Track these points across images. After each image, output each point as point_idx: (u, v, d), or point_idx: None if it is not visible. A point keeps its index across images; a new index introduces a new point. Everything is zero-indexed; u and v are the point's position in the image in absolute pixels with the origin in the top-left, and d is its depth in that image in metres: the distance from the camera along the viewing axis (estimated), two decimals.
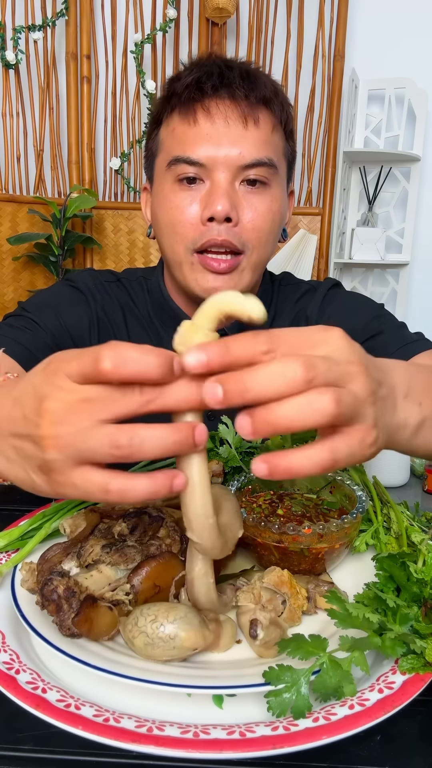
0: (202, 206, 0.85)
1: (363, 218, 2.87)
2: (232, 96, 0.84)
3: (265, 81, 0.88)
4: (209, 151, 0.84)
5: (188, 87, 0.85)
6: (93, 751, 0.42)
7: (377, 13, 2.73)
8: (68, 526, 0.62)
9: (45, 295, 1.02)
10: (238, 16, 2.67)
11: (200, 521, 0.44)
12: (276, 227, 0.90)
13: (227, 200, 0.83)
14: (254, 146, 0.84)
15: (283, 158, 0.91)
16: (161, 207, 0.89)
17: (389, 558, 0.52)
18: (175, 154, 0.86)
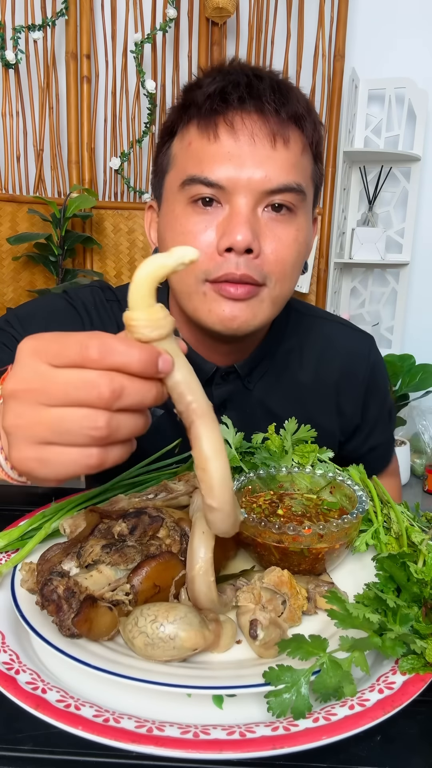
0: (219, 234, 0.75)
1: (363, 218, 2.87)
2: (260, 110, 0.74)
3: (298, 96, 0.78)
4: (230, 171, 0.73)
5: (210, 97, 0.74)
6: (93, 751, 0.42)
7: (377, 13, 2.73)
8: (68, 526, 0.62)
9: (37, 306, 0.95)
10: (238, 16, 2.67)
11: (223, 485, 0.44)
12: (300, 259, 0.81)
13: (249, 229, 0.73)
14: (282, 169, 0.74)
15: (311, 182, 0.81)
16: (171, 230, 0.79)
17: (389, 558, 0.52)
18: (190, 173, 0.75)
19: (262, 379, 0.95)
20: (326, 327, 1.01)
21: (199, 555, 0.50)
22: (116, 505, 0.65)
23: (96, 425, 0.41)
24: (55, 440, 0.42)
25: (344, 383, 0.98)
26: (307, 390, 0.97)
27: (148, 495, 0.68)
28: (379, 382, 1.02)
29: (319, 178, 0.85)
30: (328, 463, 0.74)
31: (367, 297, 3.02)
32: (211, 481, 0.44)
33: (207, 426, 0.44)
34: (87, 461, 0.42)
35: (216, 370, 0.91)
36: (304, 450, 0.75)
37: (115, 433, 0.42)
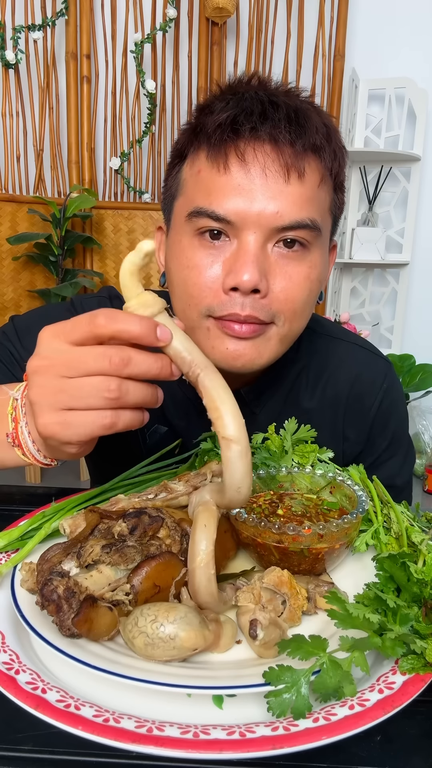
0: (225, 271, 0.71)
1: (363, 218, 2.87)
2: (274, 141, 0.69)
3: (317, 123, 0.72)
4: (240, 205, 0.69)
5: (221, 126, 0.69)
6: (93, 751, 0.42)
7: (377, 13, 2.74)
8: (68, 526, 0.62)
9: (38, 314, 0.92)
10: (238, 16, 2.67)
11: (236, 415, 0.49)
12: (312, 297, 0.76)
13: (256, 268, 0.68)
14: (295, 205, 0.69)
15: (328, 215, 0.77)
16: (176, 261, 0.75)
17: (389, 558, 0.52)
18: (198, 204, 0.71)
19: (269, 403, 0.92)
20: (341, 348, 0.96)
21: (200, 548, 0.50)
22: (116, 505, 0.65)
23: (109, 388, 0.48)
24: (75, 405, 0.49)
25: (350, 407, 0.93)
26: (314, 413, 0.93)
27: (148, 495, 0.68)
28: (389, 413, 0.94)
29: (338, 208, 0.80)
30: (328, 463, 0.74)
31: (367, 297, 3.02)
32: (224, 414, 0.48)
33: (210, 375, 0.50)
34: (102, 421, 0.49)
35: None
36: (304, 450, 0.75)
37: (125, 396, 0.49)
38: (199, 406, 0.89)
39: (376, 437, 0.95)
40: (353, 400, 0.93)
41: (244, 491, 0.50)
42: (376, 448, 0.95)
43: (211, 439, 0.80)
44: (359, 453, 0.96)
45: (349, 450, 0.95)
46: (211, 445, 0.78)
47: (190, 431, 0.92)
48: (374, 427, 0.94)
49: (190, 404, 0.92)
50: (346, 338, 0.98)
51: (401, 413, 0.98)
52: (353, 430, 0.94)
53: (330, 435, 0.94)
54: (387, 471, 0.94)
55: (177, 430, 0.93)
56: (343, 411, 0.93)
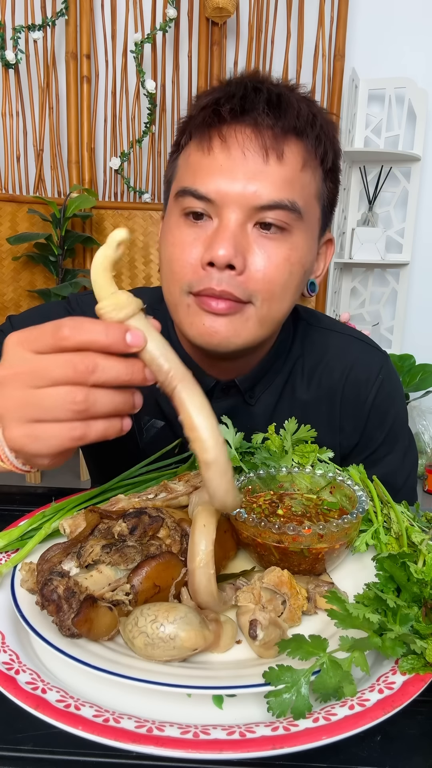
0: (204, 247, 0.73)
1: (363, 218, 2.87)
2: (254, 123, 0.72)
3: (300, 108, 0.74)
4: (221, 185, 0.72)
5: (204, 109, 0.74)
6: (93, 751, 0.42)
7: (377, 13, 2.74)
8: (68, 526, 0.62)
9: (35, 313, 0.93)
10: (238, 16, 2.67)
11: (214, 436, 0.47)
12: (296, 280, 0.77)
13: (231, 245, 0.71)
14: (274, 185, 0.72)
15: (314, 201, 0.78)
16: (164, 241, 0.79)
17: (389, 558, 0.52)
18: (183, 184, 0.75)
19: (265, 394, 0.92)
20: (336, 340, 0.96)
21: (200, 548, 0.50)
22: (116, 505, 0.65)
23: (75, 399, 0.46)
24: (42, 417, 0.47)
25: (346, 398, 0.93)
26: (310, 404, 0.93)
27: (148, 495, 0.68)
28: (385, 405, 0.94)
29: (329, 197, 0.81)
30: (328, 463, 0.74)
31: (367, 297, 3.02)
32: (202, 434, 0.46)
33: (188, 388, 0.47)
34: (71, 434, 0.47)
35: (216, 384, 0.89)
36: (304, 450, 0.75)
37: (94, 407, 0.46)
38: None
39: (373, 430, 0.94)
40: (349, 390, 0.93)
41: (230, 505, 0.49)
42: (373, 441, 0.95)
43: None
44: (355, 445, 0.95)
45: (346, 442, 0.95)
46: None
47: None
48: (370, 420, 0.94)
49: None
50: (342, 330, 0.99)
51: (399, 407, 0.97)
52: (349, 422, 0.94)
53: (327, 426, 0.94)
54: (385, 467, 0.94)
55: (174, 424, 0.93)
56: (339, 402, 0.93)
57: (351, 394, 0.93)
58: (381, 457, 0.96)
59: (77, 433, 0.47)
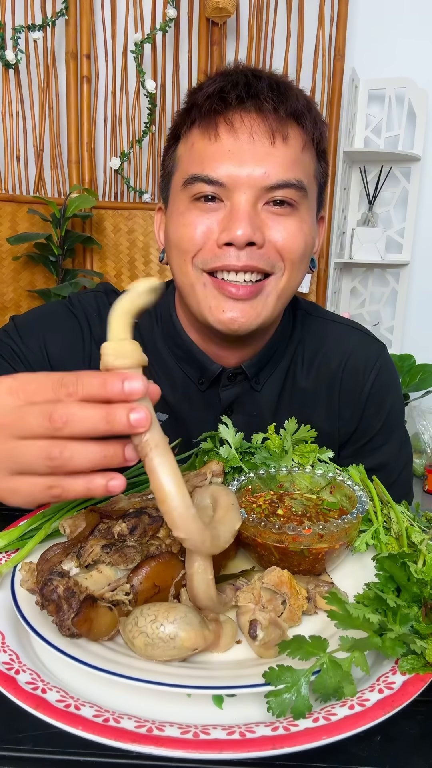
0: (220, 229, 0.76)
1: (363, 218, 2.87)
2: (259, 108, 0.75)
3: (297, 94, 0.79)
4: (231, 169, 0.75)
5: (210, 97, 0.76)
6: (93, 751, 0.42)
7: (377, 13, 2.73)
8: (68, 526, 0.62)
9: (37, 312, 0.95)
10: (238, 16, 2.67)
11: (181, 515, 0.44)
12: (308, 252, 0.81)
13: (249, 224, 0.74)
14: (282, 166, 0.75)
15: (313, 180, 0.82)
16: (173, 225, 0.81)
17: (389, 558, 0.52)
18: (192, 172, 0.77)
19: (269, 380, 0.94)
20: (335, 329, 0.99)
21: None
22: (116, 505, 0.65)
23: (51, 455, 0.44)
24: (21, 470, 0.46)
25: (344, 386, 0.95)
26: (310, 392, 0.95)
27: (148, 495, 0.68)
28: (383, 393, 0.96)
29: (323, 176, 0.85)
30: (328, 463, 0.74)
31: (367, 297, 3.02)
32: (172, 514, 0.45)
33: (162, 457, 0.45)
34: (49, 491, 0.46)
35: (222, 371, 0.90)
36: (304, 450, 0.75)
37: (70, 462, 0.44)
38: (202, 385, 0.92)
39: (370, 418, 0.96)
40: (347, 378, 0.95)
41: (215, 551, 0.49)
42: (370, 429, 0.97)
43: (211, 439, 0.80)
44: (353, 432, 0.97)
45: (344, 429, 0.97)
46: (211, 445, 0.78)
47: (192, 416, 0.93)
48: (367, 407, 0.96)
49: (191, 384, 0.94)
50: (340, 321, 1.02)
51: (395, 398, 0.99)
52: (347, 409, 0.96)
53: (326, 413, 0.96)
54: (381, 457, 0.97)
55: (179, 416, 0.94)
56: (338, 390, 0.95)
57: (349, 382, 0.95)
58: (378, 447, 0.98)
59: (55, 491, 0.46)
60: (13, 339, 0.89)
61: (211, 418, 0.92)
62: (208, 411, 0.93)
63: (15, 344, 0.88)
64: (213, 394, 0.93)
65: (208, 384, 0.92)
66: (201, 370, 0.91)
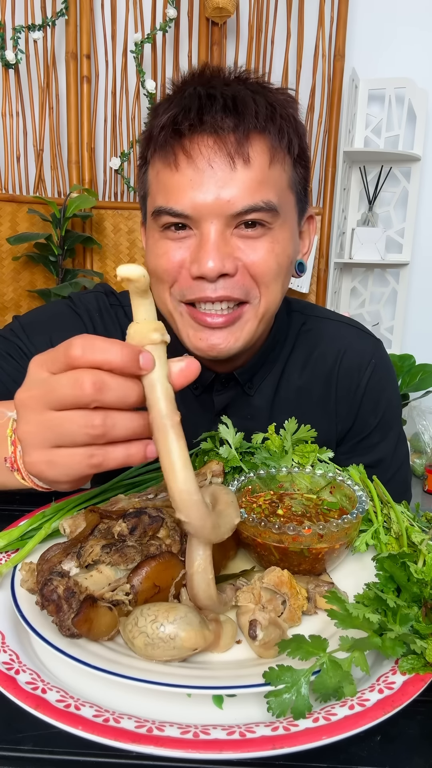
0: (191, 259, 0.75)
1: (363, 218, 2.87)
2: (215, 132, 0.72)
3: (258, 104, 0.74)
4: (194, 199, 0.73)
5: (164, 128, 0.74)
6: (93, 751, 0.42)
7: (377, 13, 2.73)
8: (68, 526, 0.62)
9: (42, 313, 0.95)
10: (238, 16, 2.67)
11: (184, 498, 0.44)
12: (284, 270, 0.79)
13: (218, 255, 0.72)
14: (246, 190, 0.72)
15: (288, 191, 0.79)
16: (150, 254, 0.81)
17: (389, 558, 0.52)
18: (158, 204, 0.76)
19: (263, 384, 0.94)
20: (329, 326, 0.99)
21: (197, 552, 0.50)
22: (116, 505, 0.65)
23: (93, 423, 0.44)
24: (60, 442, 0.45)
25: (341, 382, 0.95)
26: (306, 391, 0.96)
27: (148, 495, 0.68)
28: (379, 389, 0.97)
29: (300, 182, 0.82)
30: (328, 463, 0.74)
31: (367, 297, 3.02)
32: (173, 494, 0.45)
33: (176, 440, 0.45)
34: (89, 461, 0.45)
35: (215, 377, 0.90)
36: (304, 450, 0.75)
37: (112, 431, 0.44)
38: (196, 390, 0.92)
39: (367, 415, 0.96)
40: (343, 375, 0.95)
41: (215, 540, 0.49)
42: (366, 426, 0.97)
43: (211, 439, 0.80)
44: (349, 429, 0.97)
45: (341, 426, 0.97)
46: (211, 445, 0.78)
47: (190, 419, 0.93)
48: (363, 404, 0.96)
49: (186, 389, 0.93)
50: (335, 318, 1.01)
51: (392, 394, 0.99)
52: (344, 406, 0.96)
53: (323, 411, 0.96)
54: (378, 454, 0.97)
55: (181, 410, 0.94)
56: (335, 387, 0.95)
57: (345, 379, 0.95)
58: (375, 444, 0.98)
59: (95, 460, 0.45)
60: (20, 337, 0.90)
61: (205, 422, 0.93)
62: (203, 415, 0.94)
63: (22, 342, 0.89)
64: (207, 399, 0.94)
65: (201, 389, 0.92)
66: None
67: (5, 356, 0.88)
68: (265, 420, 0.94)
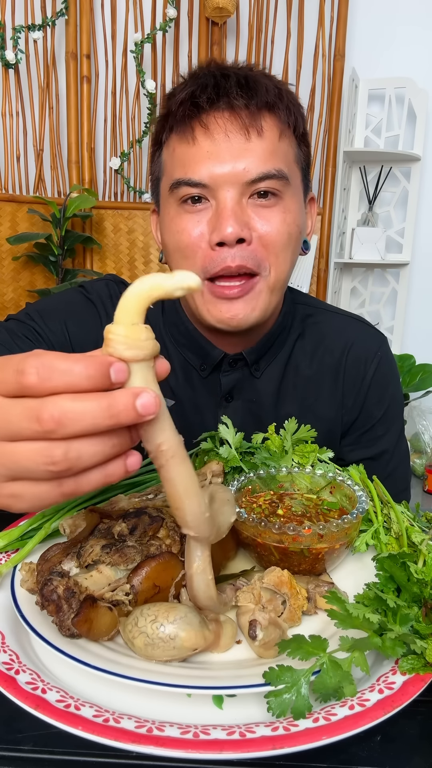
0: (210, 229, 0.79)
1: (363, 218, 2.87)
2: (230, 107, 0.78)
3: (267, 84, 0.81)
4: (212, 169, 0.77)
5: (183, 103, 0.79)
6: (93, 751, 0.42)
7: (377, 13, 2.73)
8: (68, 526, 0.62)
9: (55, 300, 0.96)
10: (238, 16, 2.67)
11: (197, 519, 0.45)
12: (294, 241, 0.83)
13: (236, 220, 0.77)
14: (260, 159, 0.78)
15: (295, 166, 0.85)
16: (168, 231, 0.84)
17: (389, 558, 0.52)
18: (176, 176, 0.80)
19: (269, 367, 0.97)
20: (337, 320, 1.02)
21: (196, 554, 0.50)
22: (116, 505, 0.65)
23: (52, 459, 0.37)
24: (21, 476, 0.39)
25: (348, 373, 0.98)
26: (313, 380, 0.98)
27: (148, 495, 0.68)
28: (384, 382, 0.99)
29: (304, 159, 0.87)
30: (328, 463, 0.74)
31: (367, 297, 3.02)
32: (186, 518, 0.44)
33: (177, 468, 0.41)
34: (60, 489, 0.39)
35: (224, 357, 0.93)
36: (304, 450, 0.75)
37: (78, 464, 0.37)
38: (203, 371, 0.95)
39: (372, 407, 0.99)
40: (350, 366, 0.98)
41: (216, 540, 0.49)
42: (371, 418, 0.99)
43: (211, 439, 0.80)
44: (354, 420, 1.00)
45: (347, 417, 1.00)
46: (211, 445, 0.78)
47: (194, 401, 0.96)
48: (369, 395, 0.98)
49: (192, 370, 0.96)
50: (341, 312, 1.05)
51: (396, 389, 1.02)
52: (350, 397, 0.99)
53: (330, 402, 0.98)
54: (380, 448, 1.00)
55: (182, 400, 0.96)
56: (342, 378, 0.98)
57: (352, 370, 0.98)
58: (378, 436, 1.00)
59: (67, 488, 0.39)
60: (36, 321, 0.91)
61: (211, 404, 0.95)
62: (209, 396, 0.96)
63: (38, 325, 0.90)
64: (214, 380, 0.96)
65: (209, 370, 0.95)
66: (203, 356, 0.94)
67: (22, 338, 0.88)
68: (270, 405, 0.96)
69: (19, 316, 0.92)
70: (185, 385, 0.96)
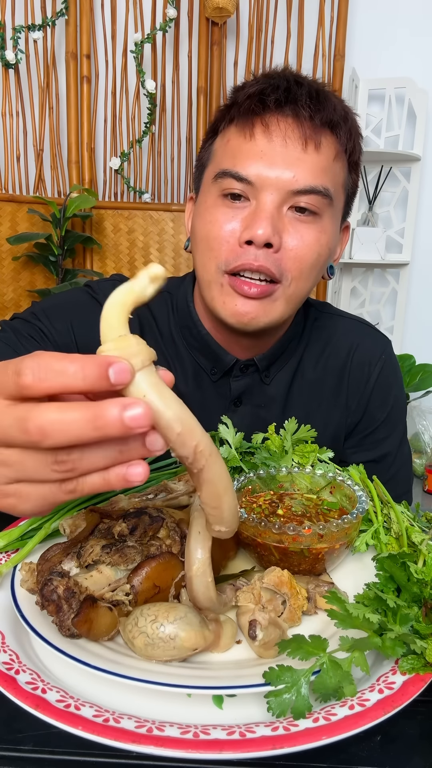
0: (242, 227, 0.79)
1: (363, 218, 2.87)
2: (295, 114, 0.77)
3: (336, 104, 0.81)
4: (261, 169, 0.77)
5: (250, 97, 0.79)
6: (93, 751, 0.42)
7: (377, 13, 2.73)
8: (68, 526, 0.62)
9: (61, 299, 0.95)
10: (238, 16, 2.67)
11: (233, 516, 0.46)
12: (321, 261, 0.83)
13: (270, 224, 0.76)
14: (310, 172, 0.77)
15: (341, 190, 0.84)
16: (201, 219, 0.84)
17: (389, 558, 0.52)
18: (224, 167, 0.80)
19: (279, 374, 0.97)
20: (342, 323, 1.03)
21: (196, 556, 0.50)
22: (116, 505, 0.65)
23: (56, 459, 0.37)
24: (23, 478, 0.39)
25: (352, 375, 0.99)
26: (320, 385, 0.98)
27: (148, 495, 0.68)
28: (388, 385, 1.00)
29: (352, 187, 0.87)
30: (328, 463, 0.74)
31: (367, 297, 3.02)
32: (223, 514, 0.45)
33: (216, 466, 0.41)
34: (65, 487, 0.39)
35: (235, 363, 0.93)
36: (304, 450, 0.75)
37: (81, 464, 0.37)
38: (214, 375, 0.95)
39: (375, 409, 0.99)
40: (355, 369, 0.99)
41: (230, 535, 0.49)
42: (374, 420, 1.00)
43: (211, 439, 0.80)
44: (358, 422, 1.00)
45: (351, 419, 1.00)
46: None
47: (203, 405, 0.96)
48: (373, 398, 0.99)
49: (203, 374, 0.96)
50: (347, 316, 1.05)
51: (399, 392, 1.02)
52: (354, 399, 0.99)
53: (335, 404, 0.99)
54: (383, 450, 1.00)
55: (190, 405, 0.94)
56: (347, 380, 0.99)
57: (357, 373, 0.99)
58: (381, 439, 1.00)
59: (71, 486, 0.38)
60: (42, 321, 0.90)
61: (220, 408, 0.95)
62: (218, 400, 0.96)
63: (44, 325, 0.90)
64: (224, 384, 0.96)
65: (220, 374, 0.95)
66: (215, 360, 0.94)
67: (27, 338, 0.88)
68: (278, 410, 0.97)
69: (24, 316, 0.92)
70: (194, 387, 0.96)
